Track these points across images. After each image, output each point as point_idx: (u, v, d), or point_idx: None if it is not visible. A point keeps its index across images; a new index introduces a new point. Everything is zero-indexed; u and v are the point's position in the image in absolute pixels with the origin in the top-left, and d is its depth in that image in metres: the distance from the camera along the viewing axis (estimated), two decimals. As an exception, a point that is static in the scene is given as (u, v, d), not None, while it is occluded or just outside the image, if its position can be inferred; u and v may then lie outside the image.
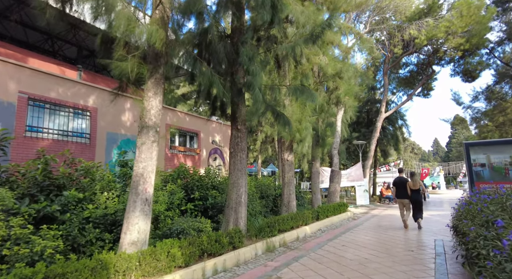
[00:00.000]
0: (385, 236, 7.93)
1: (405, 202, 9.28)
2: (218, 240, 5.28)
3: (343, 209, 12.33)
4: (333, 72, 10.63)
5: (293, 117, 9.27)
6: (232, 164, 6.77)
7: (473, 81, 19.31)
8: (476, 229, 3.13)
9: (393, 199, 23.28)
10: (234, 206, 6.52)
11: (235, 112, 6.88)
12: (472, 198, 5.14)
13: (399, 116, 26.22)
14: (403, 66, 23.51)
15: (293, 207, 9.17)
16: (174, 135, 13.65)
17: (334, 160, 15.16)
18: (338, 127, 15.54)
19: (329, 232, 8.81)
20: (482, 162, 6.80)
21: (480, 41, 16.94)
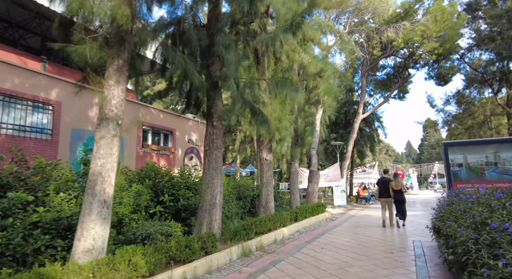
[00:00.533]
0: (364, 238, 7.77)
1: (388, 201, 9.56)
2: (189, 245, 4.81)
3: (321, 209, 12.17)
4: (314, 70, 10.44)
5: (273, 116, 8.96)
6: (206, 163, 6.32)
7: (446, 84, 19.95)
8: (466, 232, 2.91)
9: (375, 198, 23.75)
10: (208, 208, 6.07)
11: (210, 107, 6.44)
12: (452, 199, 5.02)
13: (375, 118, 26.74)
14: (380, 68, 23.96)
15: (271, 208, 8.84)
16: (147, 133, 12.94)
17: (312, 160, 15.03)
18: (317, 127, 15.43)
19: (307, 234, 8.55)
20: (459, 162, 6.78)
21: (452, 46, 17.50)
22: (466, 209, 4.08)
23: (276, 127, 8.96)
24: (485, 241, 2.56)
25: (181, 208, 6.89)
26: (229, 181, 9.85)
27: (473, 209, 3.91)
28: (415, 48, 18.52)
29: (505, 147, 6.42)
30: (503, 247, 2.27)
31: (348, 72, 23.20)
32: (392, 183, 9.42)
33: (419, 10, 18.00)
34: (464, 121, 24.30)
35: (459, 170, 6.77)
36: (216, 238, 5.50)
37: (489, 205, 3.46)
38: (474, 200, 4.14)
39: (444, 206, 4.89)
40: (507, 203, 3.73)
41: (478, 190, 4.69)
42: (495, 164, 6.47)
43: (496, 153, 6.49)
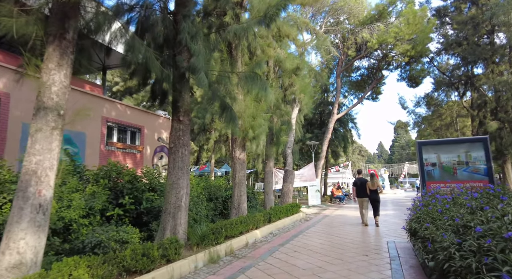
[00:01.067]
0: (338, 239, 7.55)
1: (365, 200, 9.96)
2: (147, 253, 4.28)
3: (296, 210, 11.93)
4: (290, 67, 10.15)
5: (246, 112, 8.56)
6: (171, 161, 5.79)
7: (417, 86, 20.55)
8: (449, 238, 2.66)
9: (348, 197, 24.08)
10: (172, 211, 5.54)
11: (177, 100, 5.91)
12: (428, 199, 4.84)
13: (349, 119, 27.15)
14: (355, 69, 24.31)
15: (243, 209, 8.42)
16: (112, 130, 12.06)
17: (288, 160, 14.79)
18: (293, 126, 15.22)
19: (281, 236, 8.22)
20: (433, 162, 6.73)
21: (423, 49, 17.99)
22: (444, 210, 3.88)
23: (250, 125, 8.57)
24: (471, 247, 2.31)
25: (144, 211, 6.30)
26: (199, 182, 9.32)
27: (451, 210, 3.71)
28: (388, 49, 18.88)
29: (476, 147, 6.44)
30: (492, 255, 2.01)
31: (324, 72, 23.32)
32: (369, 183, 9.85)
33: (393, 13, 18.37)
34: (433, 123, 25.23)
35: (432, 169, 6.71)
36: (180, 244, 4.99)
37: (470, 207, 3.26)
38: (450, 201, 3.95)
39: (420, 206, 4.70)
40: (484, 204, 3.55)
41: (453, 190, 4.54)
42: (467, 164, 6.47)
43: (468, 153, 6.49)
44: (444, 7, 20.43)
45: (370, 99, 24.26)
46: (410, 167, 71.91)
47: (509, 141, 15.39)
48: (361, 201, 10.04)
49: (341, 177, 43.74)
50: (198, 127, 20.13)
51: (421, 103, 25.02)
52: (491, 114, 17.09)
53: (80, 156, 10.31)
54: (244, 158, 8.72)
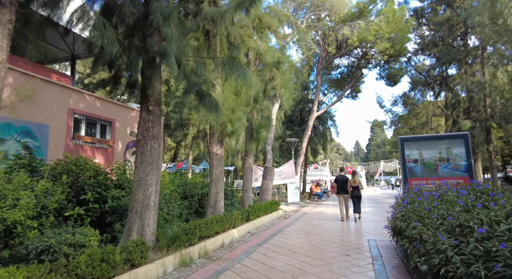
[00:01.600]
0: (318, 238, 7.29)
1: (345, 197, 10.21)
2: (107, 258, 3.76)
3: (275, 207, 11.63)
4: (271, 60, 9.77)
5: (225, 105, 8.10)
6: (139, 156, 5.24)
7: (395, 85, 20.87)
8: (447, 241, 2.38)
9: (327, 194, 24.23)
10: (139, 210, 5.01)
11: (146, 88, 5.35)
12: (413, 196, 4.62)
13: (329, 117, 27.26)
14: (335, 67, 24.37)
15: (220, 207, 7.98)
16: (80, 122, 11.19)
17: (267, 157, 14.47)
18: (273, 122, 14.91)
19: (259, 235, 7.86)
20: (415, 158, 6.61)
21: (401, 48, 18.23)
22: (432, 208, 3.64)
23: (228, 118, 8.12)
24: (474, 251, 2.03)
25: (109, 210, 5.71)
26: (174, 179, 8.78)
27: (440, 208, 3.47)
28: (368, 48, 18.99)
29: (456, 143, 6.37)
30: (502, 261, 1.73)
31: (304, 69, 23.20)
32: (351, 180, 10.12)
33: (373, 11, 18.48)
34: (409, 122, 25.85)
35: (414, 166, 6.59)
36: (147, 247, 4.49)
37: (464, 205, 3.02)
38: (438, 198, 3.72)
39: (405, 204, 4.47)
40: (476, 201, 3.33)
41: (440, 187, 4.35)
42: (448, 160, 6.39)
43: (449, 149, 6.41)
44: (421, 8, 20.84)
45: (349, 97, 24.47)
46: (386, 165, 74.18)
47: (481, 140, 15.93)
48: (341, 197, 10.30)
49: (320, 175, 44.23)
50: (175, 122, 19.39)
51: (398, 102, 25.54)
52: (464, 114, 17.64)
53: (42, 150, 9.44)
54: (221, 154, 8.27)
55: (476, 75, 16.80)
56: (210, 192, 7.98)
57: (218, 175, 8.04)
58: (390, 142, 69.73)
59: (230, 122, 8.10)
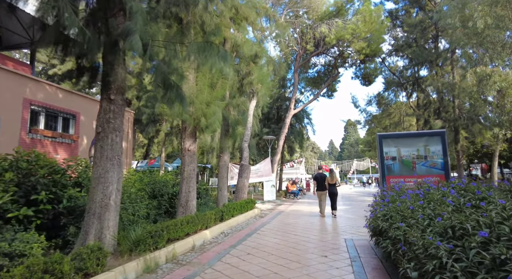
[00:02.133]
0: (294, 238, 7.02)
1: (323, 193, 10.54)
2: (51, 269, 3.21)
3: (251, 206, 11.29)
4: (249, 53, 9.38)
5: (199, 98, 7.62)
6: (98, 150, 4.66)
7: (370, 84, 21.22)
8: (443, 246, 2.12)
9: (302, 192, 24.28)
10: (98, 211, 4.45)
11: (107, 74, 4.77)
12: (394, 194, 4.42)
13: (305, 115, 27.35)
14: (312, 66, 24.42)
15: (192, 207, 7.49)
16: (38, 115, 10.21)
17: (244, 154, 14.07)
18: (250, 118, 14.53)
19: (233, 235, 7.47)
20: (393, 155, 6.51)
21: (377, 48, 18.51)
22: (416, 208, 3.43)
23: (202, 112, 7.64)
24: (478, 257, 1.78)
25: (64, 211, 5.07)
26: (142, 177, 8.18)
27: (427, 208, 3.25)
28: (345, 47, 19.11)
29: (434, 140, 6.34)
30: None
31: (282, 66, 23.02)
32: (328, 178, 10.54)
33: (350, 10, 18.61)
34: (382, 121, 26.50)
35: (392, 163, 6.49)
36: (104, 253, 3.96)
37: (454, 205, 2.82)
38: (423, 197, 3.52)
39: (386, 202, 4.27)
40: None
41: (420, 185, 4.18)
42: (425, 158, 6.34)
43: (426, 147, 6.36)
44: (396, 10, 21.32)
45: (325, 96, 24.63)
46: (359, 164, 76.46)
47: (450, 139, 16.54)
48: (320, 194, 10.61)
49: (296, 173, 44.58)
50: (147, 118, 18.49)
51: (373, 102, 26.07)
52: (434, 114, 18.25)
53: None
54: (194, 150, 7.78)
55: (446, 77, 17.41)
56: (181, 191, 7.47)
57: (190, 173, 7.55)
58: (363, 141, 71.84)
59: (204, 117, 7.63)
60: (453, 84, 15.51)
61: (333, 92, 24.14)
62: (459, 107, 16.25)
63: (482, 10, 11.31)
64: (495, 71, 10.69)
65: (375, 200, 5.08)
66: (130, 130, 14.60)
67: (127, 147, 14.29)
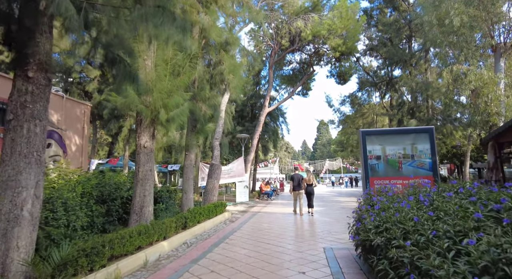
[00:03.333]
0: (267, 247, 6.16)
1: (299, 193, 11.09)
2: None
3: (220, 210, 10.31)
4: (218, 39, 8.40)
5: (158, 86, 6.54)
6: (8, 144, 3.49)
7: (345, 83, 20.97)
8: None
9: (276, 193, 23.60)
10: (2, 226, 3.29)
11: (24, 45, 3.61)
12: (387, 200, 3.67)
13: (280, 114, 26.75)
14: (287, 63, 23.85)
15: (147, 214, 6.39)
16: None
17: (214, 153, 13.05)
18: (222, 114, 13.53)
19: (197, 246, 6.46)
20: (377, 154, 5.85)
21: (353, 46, 18.21)
22: (422, 220, 2.66)
23: (162, 103, 6.56)
24: None
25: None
26: (90, 178, 6.93)
27: (439, 221, 2.49)
28: (321, 44, 18.65)
29: (421, 138, 5.75)
30: None
31: (256, 62, 22.21)
32: (305, 178, 11.16)
33: (326, 6, 18.20)
34: (356, 121, 26.52)
35: (377, 163, 5.82)
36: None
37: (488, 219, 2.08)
38: (428, 205, 2.77)
39: (378, 210, 3.50)
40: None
41: (420, 188, 3.47)
42: (412, 157, 5.73)
43: (414, 145, 5.76)
44: (371, 8, 21.25)
45: (300, 95, 24.17)
46: (331, 163, 77.75)
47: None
48: (296, 194, 11.16)
49: (270, 173, 44.02)
50: (108, 113, 16.84)
51: (346, 102, 26.00)
52: (408, 114, 18.30)
53: None
54: (152, 147, 6.67)
55: (420, 77, 17.49)
56: (135, 195, 6.34)
57: (146, 174, 6.43)
58: (335, 141, 73.06)
59: (165, 108, 6.55)
60: (427, 83, 15.51)
61: (308, 90, 23.73)
62: (432, 107, 16.34)
63: (458, 8, 11.14)
64: (471, 69, 10.57)
65: (362, 207, 4.32)
66: (86, 125, 13.05)
67: (82, 144, 12.76)
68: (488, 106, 10.37)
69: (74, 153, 12.18)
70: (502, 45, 11.38)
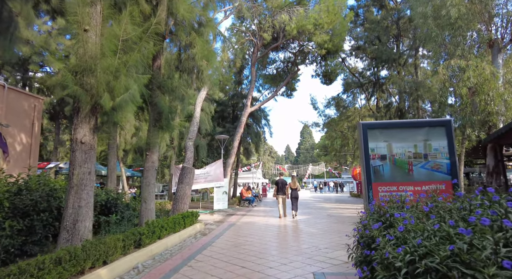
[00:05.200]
0: (242, 273, 4.73)
1: (284, 197, 11.62)
2: None
3: (190, 221, 8.80)
4: (188, 16, 6.99)
5: (102, 64, 5.04)
6: None
7: (331, 83, 19.97)
8: None
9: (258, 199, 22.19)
10: None
11: None
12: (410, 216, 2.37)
13: (263, 116, 25.50)
14: (270, 62, 22.71)
15: (83, 231, 4.81)
16: None
17: (187, 154, 11.53)
18: (197, 111, 12.08)
19: (152, 271, 4.95)
20: (382, 153, 4.58)
21: (340, 43, 17.25)
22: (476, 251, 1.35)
23: (107, 86, 5.05)
24: None
25: None
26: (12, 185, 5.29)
27: None
28: (306, 41, 17.56)
29: (436, 133, 4.54)
30: None
31: (238, 61, 20.89)
32: (290, 183, 11.67)
33: (312, 0, 17.12)
34: (340, 124, 25.64)
35: (381, 164, 4.55)
36: None
37: None
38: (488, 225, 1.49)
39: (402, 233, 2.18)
40: None
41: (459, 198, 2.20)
42: (425, 157, 4.50)
43: (427, 141, 4.54)
44: (358, 5, 20.46)
45: (284, 95, 23.03)
46: (314, 168, 77.34)
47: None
48: (280, 197, 11.62)
49: (252, 177, 42.56)
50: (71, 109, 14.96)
51: (331, 104, 25.10)
52: (396, 115, 17.47)
53: None
54: (93, 143, 5.12)
55: (409, 78, 16.73)
56: (67, 205, 4.76)
57: (83, 178, 4.87)
58: (319, 145, 72.68)
59: (110, 92, 5.04)
60: (418, 83, 14.70)
61: (293, 91, 22.60)
62: (421, 109, 15.58)
63: (454, -1, 10.30)
64: (470, 64, 9.72)
65: (364, 221, 3.00)
66: (37, 121, 11.21)
67: (31, 143, 10.90)
68: (488, 104, 9.54)
69: (19, 153, 10.32)
70: (500, 40, 10.67)
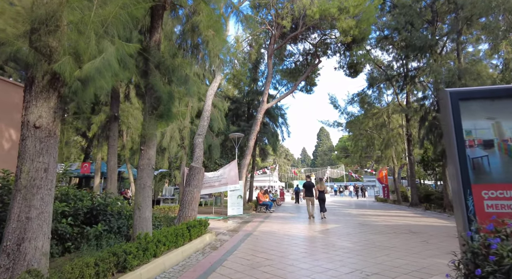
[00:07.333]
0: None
1: (312, 199, 12.42)
2: None
3: (198, 231, 7.25)
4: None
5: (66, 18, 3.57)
6: None
7: (356, 75, 18.12)
8: None
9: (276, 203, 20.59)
10: None
11: None
12: None
13: (280, 114, 23.84)
14: (288, 55, 21.06)
15: (33, 254, 3.32)
16: None
17: (196, 152, 10.02)
18: (208, 104, 10.62)
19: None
20: (487, 138, 2.87)
21: (367, 30, 15.39)
22: None
23: (73, 47, 3.59)
24: None
25: None
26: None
27: None
28: (329, 27, 15.79)
29: None
30: None
31: (253, 53, 19.39)
32: (318, 185, 12.66)
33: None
34: (366, 122, 23.61)
35: (485, 155, 2.84)
36: None
37: None
38: None
39: None
40: None
41: None
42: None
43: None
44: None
45: (303, 91, 21.29)
46: (332, 171, 74.71)
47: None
48: (309, 200, 12.48)
49: (269, 180, 40.77)
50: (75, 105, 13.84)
51: (355, 101, 23.13)
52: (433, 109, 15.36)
53: None
54: (51, 128, 3.66)
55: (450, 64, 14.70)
56: (10, 217, 3.30)
57: (36, 177, 3.40)
58: (337, 148, 70.10)
59: (76, 56, 3.57)
60: (462, 69, 12.67)
61: (313, 86, 20.85)
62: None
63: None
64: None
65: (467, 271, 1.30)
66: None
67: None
68: None
69: (7, 151, 9.15)
70: None
